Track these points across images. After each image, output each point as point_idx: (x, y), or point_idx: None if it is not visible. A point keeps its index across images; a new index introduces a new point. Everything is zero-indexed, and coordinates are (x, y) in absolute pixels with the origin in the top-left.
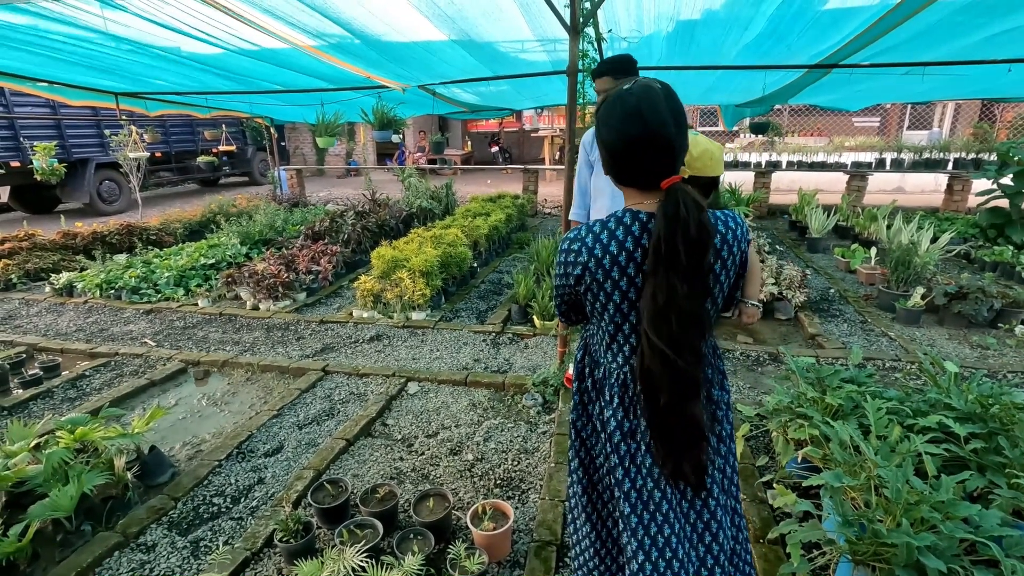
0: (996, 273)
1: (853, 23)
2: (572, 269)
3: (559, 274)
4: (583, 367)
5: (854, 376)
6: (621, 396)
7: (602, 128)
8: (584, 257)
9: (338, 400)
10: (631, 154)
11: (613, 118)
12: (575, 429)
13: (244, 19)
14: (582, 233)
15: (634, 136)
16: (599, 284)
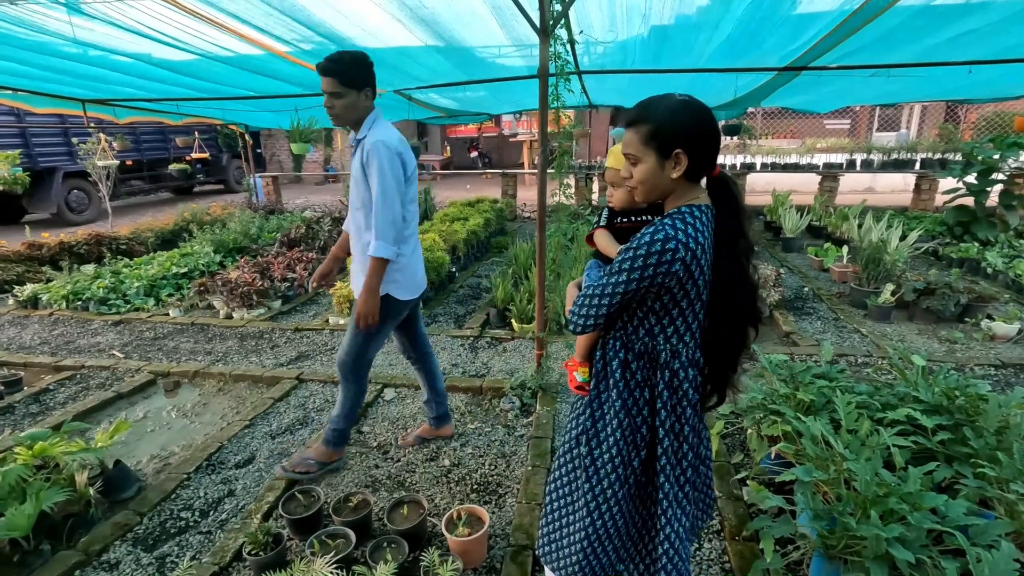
0: (963, 269)
1: (818, 25)
2: (670, 267)
3: (637, 276)
4: (632, 367)
5: (826, 372)
6: (693, 380)
7: (700, 123)
8: (682, 253)
9: (312, 408)
10: (717, 148)
11: (703, 115)
12: (626, 431)
13: (213, 23)
14: (671, 232)
15: (717, 131)
16: (693, 277)
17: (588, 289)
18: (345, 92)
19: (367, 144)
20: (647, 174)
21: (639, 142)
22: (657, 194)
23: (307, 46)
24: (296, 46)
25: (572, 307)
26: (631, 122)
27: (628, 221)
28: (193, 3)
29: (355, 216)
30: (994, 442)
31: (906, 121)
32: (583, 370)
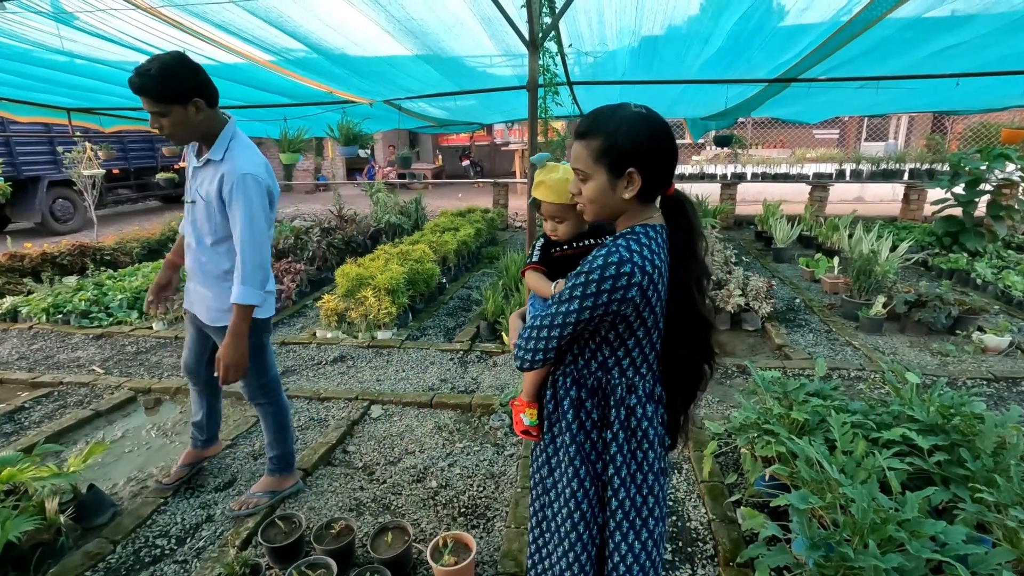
0: (953, 280)
1: (808, 38)
2: (626, 293)
3: (591, 304)
4: (587, 405)
5: (819, 389)
6: (653, 417)
7: (658, 140)
8: (638, 278)
9: (297, 427)
10: (674, 166)
11: (661, 130)
12: (586, 464)
13: (198, 34)
14: (626, 255)
15: (675, 148)
16: (650, 304)
17: (535, 320)
18: (166, 109)
19: (232, 175)
20: (597, 193)
21: (589, 157)
22: (607, 214)
23: (291, 56)
24: (282, 56)
25: (518, 341)
26: (581, 134)
27: (568, 248)
28: (182, 15)
29: (202, 242)
30: (991, 464)
31: (894, 131)
32: (531, 412)
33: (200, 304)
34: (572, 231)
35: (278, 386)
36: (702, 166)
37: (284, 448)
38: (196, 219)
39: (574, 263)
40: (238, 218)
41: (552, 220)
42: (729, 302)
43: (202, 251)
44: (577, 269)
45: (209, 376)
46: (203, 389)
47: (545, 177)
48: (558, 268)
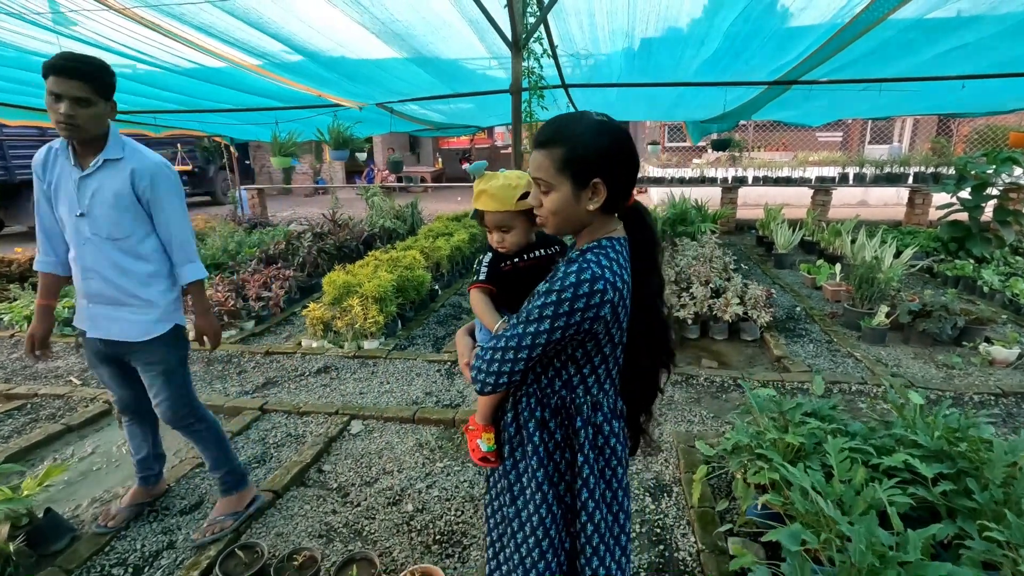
0: (958, 288)
1: (808, 39)
2: (599, 311)
3: (563, 324)
4: (551, 426)
5: (817, 409)
6: (620, 434)
7: (621, 149)
8: (611, 294)
9: (273, 444)
10: (636, 176)
11: (623, 139)
12: (552, 485)
13: (180, 38)
14: (597, 271)
15: (637, 157)
16: (619, 320)
17: (499, 340)
18: (94, 99)
19: (147, 168)
20: (560, 204)
21: (552, 167)
22: (570, 227)
23: (276, 59)
24: (266, 59)
25: (477, 362)
26: (543, 143)
27: (520, 260)
28: (158, 16)
29: (116, 252)
30: (1000, 496)
31: (898, 134)
32: (488, 436)
33: (118, 324)
34: (521, 241)
35: (200, 403)
36: (703, 170)
37: (231, 463)
38: (96, 232)
39: (528, 277)
40: (165, 203)
41: (498, 231)
42: (727, 311)
43: (115, 263)
44: (545, 286)
45: (148, 403)
46: (145, 420)
47: (486, 185)
48: (510, 284)
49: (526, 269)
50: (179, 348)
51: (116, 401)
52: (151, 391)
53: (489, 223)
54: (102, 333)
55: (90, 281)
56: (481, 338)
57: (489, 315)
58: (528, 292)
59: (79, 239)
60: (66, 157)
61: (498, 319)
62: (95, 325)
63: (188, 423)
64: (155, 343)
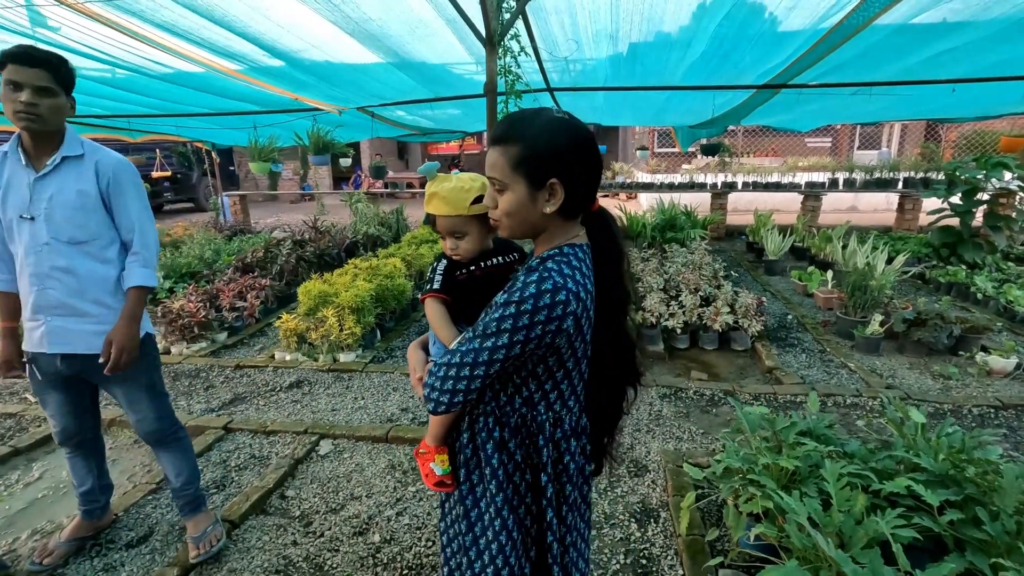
0: (951, 294)
1: (795, 43)
2: (562, 324)
3: (522, 338)
4: (511, 446)
5: (812, 427)
6: (577, 452)
7: (581, 149)
8: (573, 306)
9: (234, 467)
10: (599, 179)
11: (584, 138)
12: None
13: (149, 40)
14: (559, 280)
15: (599, 159)
16: (582, 333)
17: (453, 356)
18: (58, 91)
19: (110, 165)
20: (515, 205)
21: (507, 165)
22: (526, 230)
23: (246, 61)
24: (236, 59)
25: (429, 379)
26: (497, 140)
27: (477, 268)
28: (119, 14)
29: (78, 256)
30: (1013, 526)
31: (887, 139)
32: (442, 458)
33: (83, 338)
34: (476, 248)
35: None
36: (692, 175)
37: (199, 479)
38: (55, 236)
39: (485, 286)
40: (133, 205)
41: (451, 237)
42: (717, 320)
43: (77, 269)
44: (504, 296)
45: (96, 429)
46: (90, 450)
47: (437, 188)
48: (466, 294)
49: (483, 278)
50: (154, 357)
51: (58, 432)
52: (132, 410)
53: (442, 228)
54: (64, 348)
55: (48, 291)
56: (435, 352)
57: (444, 327)
58: (486, 302)
59: (33, 245)
60: (16, 159)
61: (454, 332)
62: (55, 340)
63: (173, 432)
64: None
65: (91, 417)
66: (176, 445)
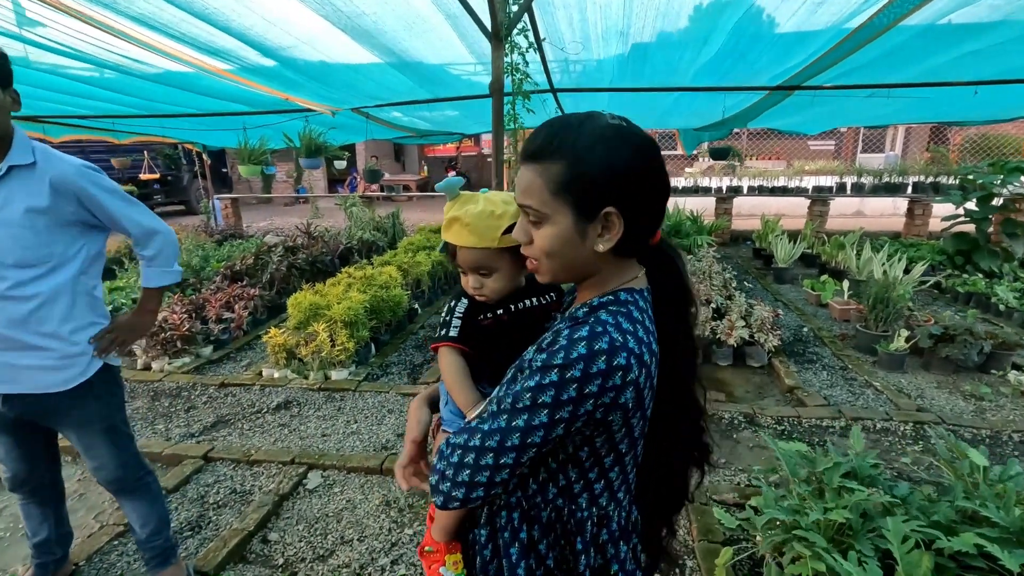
0: (971, 305)
1: (814, 45)
2: (619, 396)
3: (567, 415)
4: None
5: (856, 467)
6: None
7: (647, 166)
8: (635, 372)
9: (213, 504)
10: (666, 203)
11: (649, 152)
12: None
13: (121, 34)
14: (617, 338)
15: (667, 177)
16: (643, 409)
17: (472, 437)
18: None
19: (70, 173)
20: (557, 242)
21: (546, 190)
22: (569, 274)
23: (231, 57)
24: (221, 56)
25: (440, 463)
26: (534, 155)
27: (504, 312)
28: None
29: (10, 275)
30: None
31: (891, 142)
32: (455, 560)
33: (29, 374)
34: (506, 287)
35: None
36: (696, 179)
37: (169, 526)
38: (4, 250)
39: (516, 334)
40: (116, 208)
41: (475, 274)
42: (731, 335)
43: (23, 296)
44: (542, 357)
45: (54, 473)
46: (46, 497)
47: (460, 212)
48: (491, 342)
49: (512, 324)
50: (115, 393)
51: (8, 479)
52: (89, 456)
53: (463, 263)
54: (6, 387)
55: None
56: (447, 415)
57: (462, 388)
58: (515, 355)
59: None
60: None
61: (474, 395)
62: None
63: (138, 478)
64: (84, 394)
65: (46, 462)
66: (142, 492)
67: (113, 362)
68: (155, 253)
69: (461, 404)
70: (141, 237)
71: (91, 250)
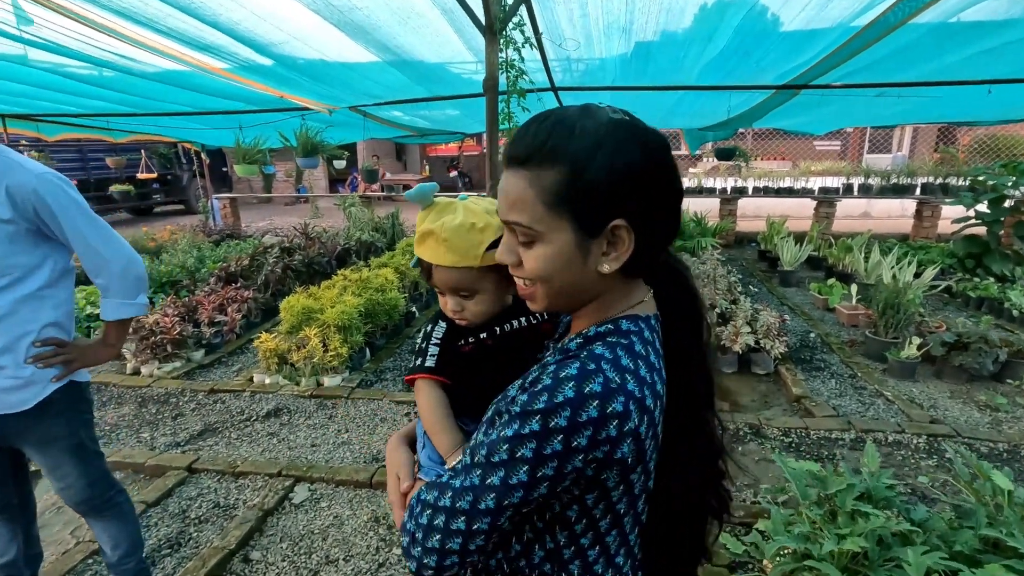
0: (983, 310)
1: (822, 43)
2: (614, 450)
3: (552, 473)
4: None
5: (871, 489)
6: None
7: (659, 169)
8: (634, 421)
9: (194, 519)
10: (679, 209)
11: (660, 151)
12: None
13: (106, 28)
14: (614, 379)
15: (679, 180)
16: (644, 460)
17: (443, 496)
18: None
19: (28, 183)
20: (554, 264)
21: (539, 201)
22: (570, 301)
23: (233, 52)
24: (213, 53)
25: (409, 523)
26: (522, 158)
27: (488, 337)
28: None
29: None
30: None
31: (897, 143)
32: None
33: None
34: (489, 310)
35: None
36: (700, 180)
37: (142, 549)
38: None
39: (502, 359)
40: (71, 225)
41: (454, 295)
42: (736, 341)
43: None
44: (523, 400)
45: (23, 495)
46: (14, 515)
47: (435, 224)
48: (474, 369)
49: (497, 349)
50: (82, 411)
51: None
52: (55, 477)
53: (440, 283)
54: None
55: None
56: (424, 458)
57: (442, 429)
58: (502, 384)
59: None
60: None
61: (455, 436)
62: None
63: (108, 499)
64: (48, 412)
65: (15, 482)
66: (112, 512)
67: (79, 378)
68: (106, 283)
69: (441, 448)
70: (90, 263)
71: (57, 264)
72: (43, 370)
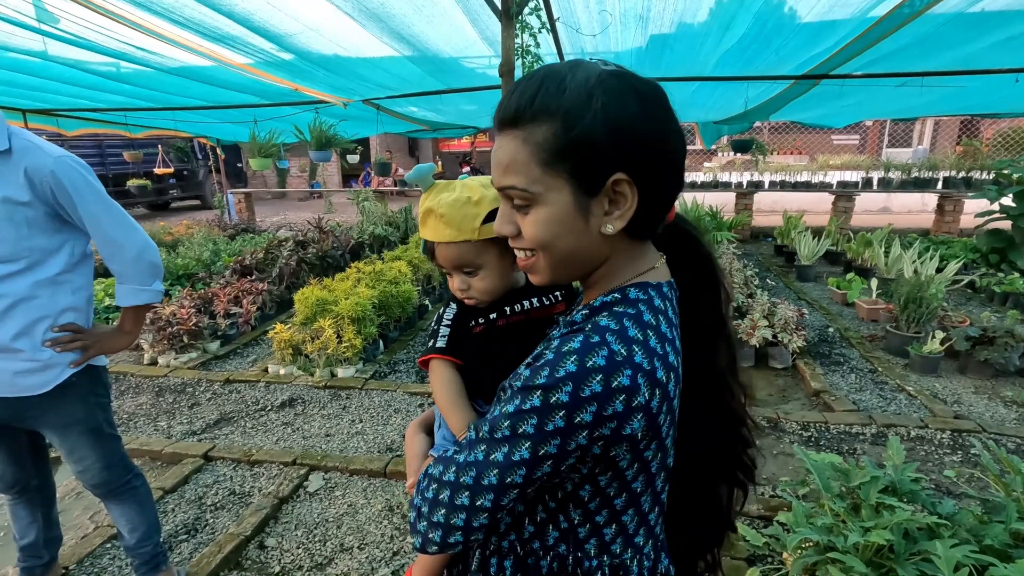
0: (1008, 306)
1: (841, 31)
2: (622, 426)
3: (555, 450)
4: None
5: (896, 482)
6: None
7: (658, 120)
8: (643, 395)
9: (210, 505)
10: (683, 164)
11: (658, 103)
12: None
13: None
14: (619, 352)
15: (682, 135)
16: (659, 435)
17: (448, 470)
18: None
19: (46, 165)
20: (554, 229)
21: (534, 162)
22: (574, 267)
23: (248, 41)
24: (229, 43)
25: (416, 499)
26: (511, 119)
27: (500, 317)
28: None
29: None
30: None
31: (918, 136)
32: None
33: (7, 378)
34: (496, 286)
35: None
36: (715, 174)
37: (160, 532)
38: None
39: (516, 341)
40: (87, 209)
41: (459, 272)
42: (754, 335)
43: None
44: (526, 373)
45: (43, 476)
46: (35, 498)
47: (434, 203)
48: (487, 351)
49: (510, 329)
50: (99, 394)
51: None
52: (73, 459)
53: (444, 261)
54: None
55: None
56: (440, 440)
57: (455, 407)
58: (515, 365)
59: None
60: None
61: (469, 414)
62: None
63: (125, 482)
64: (66, 395)
65: (35, 463)
66: (130, 496)
67: (97, 362)
68: (121, 269)
69: (453, 425)
70: (105, 248)
71: (76, 249)
72: (61, 354)
